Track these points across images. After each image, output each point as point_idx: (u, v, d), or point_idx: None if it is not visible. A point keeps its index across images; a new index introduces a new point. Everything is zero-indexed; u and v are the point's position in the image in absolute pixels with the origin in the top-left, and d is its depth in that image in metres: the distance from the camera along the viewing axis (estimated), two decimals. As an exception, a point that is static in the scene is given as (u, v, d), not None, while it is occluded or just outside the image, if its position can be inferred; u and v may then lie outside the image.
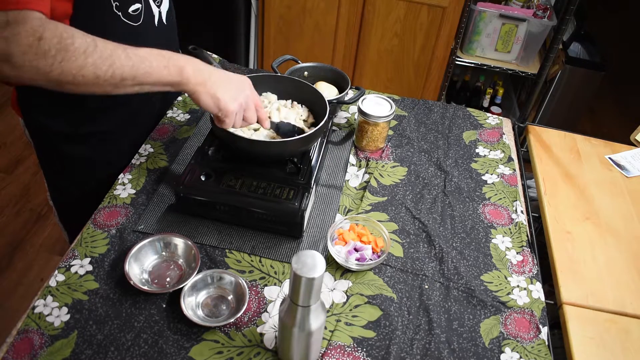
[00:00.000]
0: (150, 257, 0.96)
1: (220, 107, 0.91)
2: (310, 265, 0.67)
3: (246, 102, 0.95)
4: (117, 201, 1.07)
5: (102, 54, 0.77)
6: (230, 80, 0.94)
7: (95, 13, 0.93)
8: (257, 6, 2.46)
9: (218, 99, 0.90)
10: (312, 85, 1.17)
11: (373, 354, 0.86)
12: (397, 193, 1.16)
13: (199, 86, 0.89)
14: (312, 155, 1.09)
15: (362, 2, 2.32)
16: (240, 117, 0.96)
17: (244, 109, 0.96)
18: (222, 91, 0.91)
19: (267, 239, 1.02)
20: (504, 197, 1.18)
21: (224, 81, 0.92)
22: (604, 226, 1.20)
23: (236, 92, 0.93)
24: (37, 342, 0.83)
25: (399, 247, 1.04)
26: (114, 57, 0.79)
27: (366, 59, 2.51)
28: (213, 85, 0.90)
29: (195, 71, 0.88)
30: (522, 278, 1.01)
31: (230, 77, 0.94)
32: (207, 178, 1.02)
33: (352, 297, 0.94)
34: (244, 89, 0.96)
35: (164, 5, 1.10)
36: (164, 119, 1.30)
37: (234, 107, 0.92)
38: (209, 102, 0.91)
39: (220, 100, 0.91)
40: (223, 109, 0.91)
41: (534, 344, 0.90)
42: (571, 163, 1.37)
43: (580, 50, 2.56)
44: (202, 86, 0.89)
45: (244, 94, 0.95)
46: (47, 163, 1.18)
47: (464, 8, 2.28)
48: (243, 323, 0.88)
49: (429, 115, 1.42)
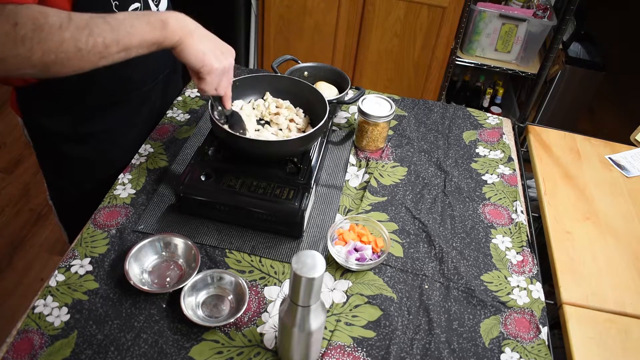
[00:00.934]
0: (150, 257, 0.96)
1: (205, 62, 0.87)
2: (310, 265, 0.67)
3: (228, 68, 0.92)
4: (117, 201, 1.07)
5: (79, 25, 0.74)
6: (216, 40, 0.91)
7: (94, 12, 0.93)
8: (257, 6, 2.46)
9: (204, 53, 0.86)
10: (312, 85, 1.17)
11: (373, 354, 0.86)
12: (397, 193, 1.16)
13: (185, 37, 0.84)
14: (312, 155, 1.09)
15: (362, 2, 2.32)
16: (218, 81, 0.92)
17: (223, 75, 0.93)
18: (209, 47, 0.87)
19: (267, 239, 1.02)
20: (504, 197, 1.18)
21: (211, 38, 0.89)
22: (604, 226, 1.20)
23: (221, 55, 0.90)
24: (37, 342, 0.83)
25: (399, 247, 1.04)
26: (91, 25, 0.75)
27: (366, 59, 2.51)
28: (200, 37, 0.86)
29: (180, 22, 0.84)
30: (522, 278, 1.01)
31: (215, 37, 0.91)
32: (207, 178, 1.02)
33: (352, 297, 0.94)
34: (228, 57, 0.92)
35: (162, 4, 1.10)
36: (164, 119, 1.30)
37: (217, 66, 0.89)
38: (193, 55, 0.86)
39: (206, 55, 0.87)
40: (207, 64, 0.87)
41: (534, 344, 0.90)
42: (571, 163, 1.37)
43: (580, 50, 2.56)
44: (188, 37, 0.85)
45: (228, 60, 0.92)
46: (46, 163, 1.18)
47: (464, 8, 2.28)
48: (243, 323, 0.88)
49: (429, 115, 1.42)
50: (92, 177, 1.18)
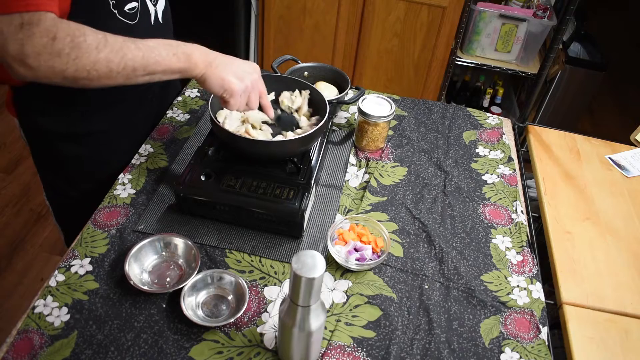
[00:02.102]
0: (150, 257, 0.96)
1: (225, 87, 0.93)
2: (310, 265, 0.67)
3: (252, 85, 0.97)
4: (117, 201, 1.07)
5: (113, 48, 0.80)
6: (236, 63, 0.96)
7: (92, 11, 0.94)
8: (257, 6, 2.46)
9: (222, 79, 0.92)
10: (312, 85, 1.17)
11: (373, 354, 0.86)
12: (397, 193, 1.16)
13: (206, 69, 0.91)
14: (312, 155, 1.09)
15: (362, 2, 2.32)
16: (245, 99, 0.97)
17: (249, 93, 0.97)
18: (228, 72, 0.93)
19: (267, 239, 1.02)
20: (504, 197, 1.18)
21: (230, 63, 0.94)
22: (604, 226, 1.20)
23: (242, 74, 0.95)
24: (37, 342, 0.83)
25: (399, 247, 1.04)
26: (125, 49, 0.81)
27: (366, 59, 2.51)
28: (219, 66, 0.92)
29: (203, 55, 0.91)
30: (522, 278, 1.01)
31: (236, 61, 0.96)
32: (207, 178, 1.02)
33: (352, 297, 0.94)
34: (251, 73, 0.97)
35: (159, 4, 1.10)
36: (164, 119, 1.30)
37: (239, 87, 0.94)
38: (215, 84, 0.92)
39: (225, 80, 0.92)
40: (227, 89, 0.93)
41: (534, 344, 0.90)
42: (571, 163, 1.37)
43: (580, 50, 2.56)
44: (209, 68, 0.91)
45: (251, 77, 0.96)
46: (43, 163, 1.17)
47: (464, 8, 2.28)
48: (243, 323, 0.88)
49: (429, 115, 1.42)
50: (89, 177, 1.18)
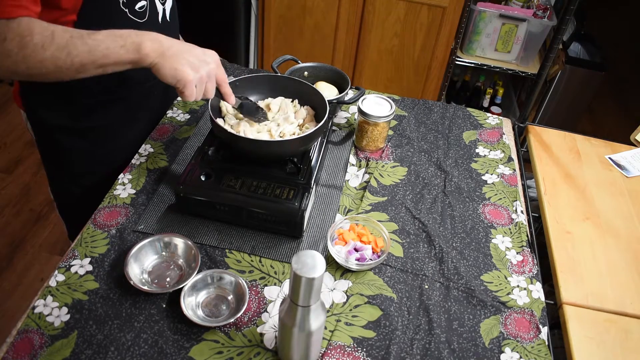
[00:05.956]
0: (150, 257, 0.96)
1: (178, 78, 0.89)
2: (310, 265, 0.67)
3: (208, 74, 0.93)
4: (117, 201, 1.07)
5: (59, 45, 0.82)
6: (191, 51, 0.92)
7: (103, 9, 0.94)
8: (257, 6, 2.46)
9: (175, 69, 0.88)
10: (312, 85, 1.17)
11: (373, 354, 0.86)
12: (397, 193, 1.16)
13: (159, 59, 0.88)
14: (312, 155, 1.09)
15: (362, 2, 2.32)
16: (201, 89, 0.93)
17: (205, 82, 0.94)
18: (182, 61, 0.89)
19: (267, 239, 1.02)
20: (504, 197, 1.18)
21: (183, 52, 0.90)
22: (604, 226, 1.20)
23: (198, 63, 0.91)
24: (37, 342, 0.83)
25: (399, 247, 1.04)
26: (70, 46, 0.82)
27: (366, 59, 2.51)
28: (172, 56, 0.88)
29: (155, 44, 0.87)
30: (522, 278, 1.01)
31: (191, 48, 0.93)
32: (207, 178, 1.02)
33: (352, 297, 0.94)
34: (208, 62, 0.93)
35: (168, 2, 1.10)
36: (164, 119, 1.30)
37: (193, 77, 0.90)
38: (167, 74, 0.88)
39: (178, 70, 0.88)
40: (181, 79, 0.89)
41: (534, 344, 0.90)
42: (571, 163, 1.37)
43: (580, 50, 2.56)
44: (160, 58, 0.88)
45: (208, 66, 0.93)
46: (47, 155, 1.18)
47: (464, 8, 2.28)
48: (243, 323, 0.88)
49: (429, 115, 1.42)
50: (92, 172, 1.19)
